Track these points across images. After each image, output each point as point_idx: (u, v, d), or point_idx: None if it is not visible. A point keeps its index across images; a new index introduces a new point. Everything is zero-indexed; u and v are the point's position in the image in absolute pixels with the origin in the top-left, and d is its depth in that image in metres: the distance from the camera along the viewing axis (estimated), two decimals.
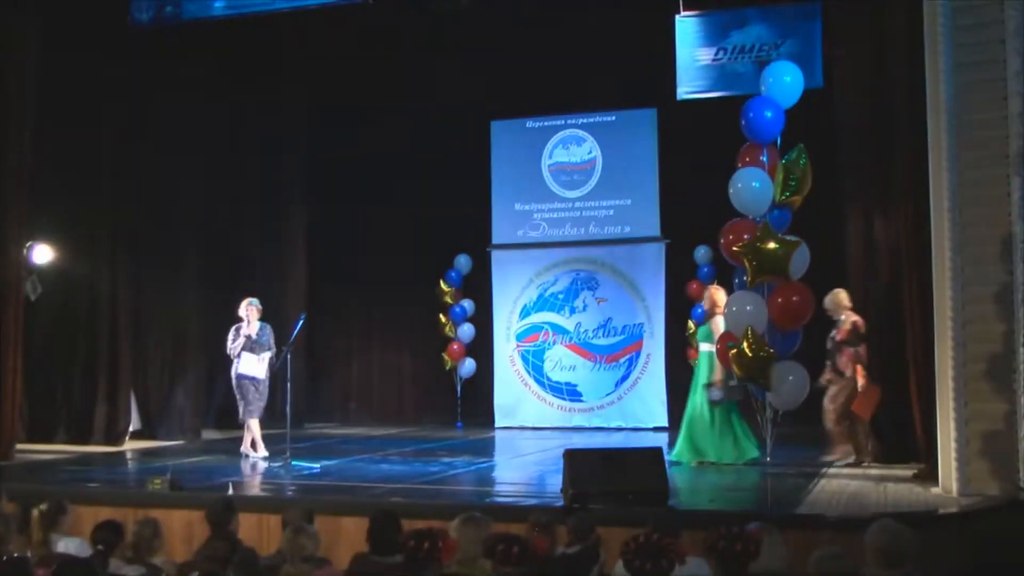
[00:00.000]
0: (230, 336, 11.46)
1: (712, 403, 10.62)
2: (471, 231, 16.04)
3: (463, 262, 16.13)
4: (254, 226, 15.68)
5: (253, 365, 11.40)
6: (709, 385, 10.64)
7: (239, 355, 11.40)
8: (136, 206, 13.79)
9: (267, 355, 11.49)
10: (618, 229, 15.58)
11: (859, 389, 10.34)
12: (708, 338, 10.79)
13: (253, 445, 11.50)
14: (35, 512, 6.09)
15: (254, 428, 11.45)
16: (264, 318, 11.65)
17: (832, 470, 10.11)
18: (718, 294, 10.87)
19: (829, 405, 10.61)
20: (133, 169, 13.70)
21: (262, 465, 10.95)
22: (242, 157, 15.44)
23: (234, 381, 11.48)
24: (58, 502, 6.21)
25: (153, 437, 13.70)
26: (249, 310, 11.41)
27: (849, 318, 10.57)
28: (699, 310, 14.60)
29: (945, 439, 8.39)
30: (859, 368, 10.43)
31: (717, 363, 10.49)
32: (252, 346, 11.34)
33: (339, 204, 16.44)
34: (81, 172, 13.44)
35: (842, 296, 10.69)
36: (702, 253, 14.61)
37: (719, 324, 10.49)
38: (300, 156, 16.21)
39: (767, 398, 10.12)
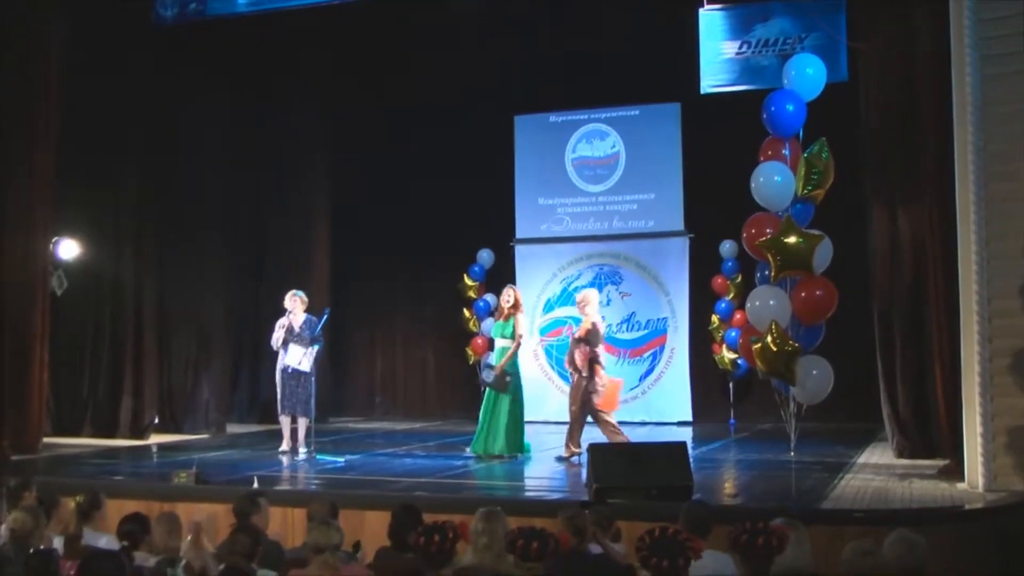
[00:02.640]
0: (276, 328, 11.44)
1: (484, 383, 10.94)
2: (495, 226, 16.03)
3: (486, 257, 16.12)
4: (278, 221, 15.74)
5: (297, 357, 11.33)
6: (490, 365, 10.93)
7: (285, 347, 11.32)
8: (161, 201, 13.84)
9: (314, 349, 11.37)
10: (642, 223, 15.54)
11: (599, 386, 10.61)
12: (504, 333, 10.96)
13: (294, 437, 11.43)
14: (71, 503, 6.11)
15: (300, 425, 11.39)
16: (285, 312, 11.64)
17: (857, 464, 10.06)
18: (520, 293, 11.35)
19: (571, 398, 10.82)
20: (157, 165, 13.74)
21: (287, 459, 10.96)
22: (266, 152, 15.48)
23: (277, 375, 11.46)
24: (94, 494, 6.23)
25: (178, 431, 13.77)
26: (293, 301, 11.38)
27: (588, 319, 10.81)
28: (723, 304, 14.61)
29: (971, 434, 8.34)
30: (596, 367, 10.71)
31: (506, 357, 10.76)
32: (295, 339, 11.29)
33: (363, 199, 16.47)
34: (106, 168, 13.51)
35: (590, 297, 11.10)
36: (728, 247, 14.55)
37: (522, 323, 10.95)
38: (324, 151, 16.22)
39: (791, 393, 10.09)
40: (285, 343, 11.29)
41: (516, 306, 11.00)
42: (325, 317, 11.44)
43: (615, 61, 14.79)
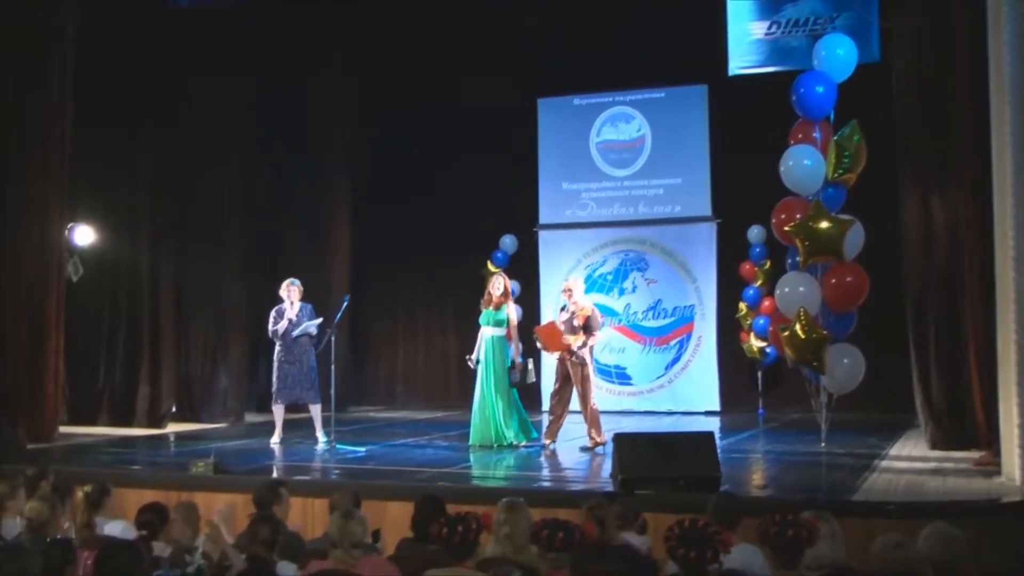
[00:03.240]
0: (271, 318, 11.46)
1: (515, 385, 10.95)
2: (518, 211, 16.01)
3: (509, 243, 16.09)
4: (297, 206, 15.78)
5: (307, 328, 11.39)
6: (511, 368, 10.92)
7: (283, 338, 11.34)
8: (177, 186, 13.88)
9: (316, 323, 11.41)
10: (668, 209, 15.50)
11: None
12: (491, 321, 11.02)
13: (285, 428, 11.48)
14: (79, 493, 6.15)
15: (314, 413, 11.42)
16: (307, 299, 11.66)
17: (889, 455, 10.02)
18: (509, 282, 11.49)
19: (583, 389, 10.81)
20: (174, 150, 13.78)
21: (307, 448, 10.99)
22: (284, 137, 15.51)
23: (275, 364, 11.50)
24: (102, 484, 6.26)
25: (196, 420, 13.84)
26: (290, 291, 11.38)
27: (586, 305, 10.94)
28: (751, 291, 14.56)
29: (1008, 425, 8.26)
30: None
31: (513, 347, 10.95)
32: (294, 329, 11.32)
33: (383, 184, 16.48)
34: (122, 153, 13.57)
35: (580, 282, 11.56)
36: (756, 233, 14.47)
37: (512, 312, 11.08)
38: (344, 136, 16.22)
39: (821, 382, 10.05)
40: (284, 333, 11.30)
41: (507, 294, 11.09)
42: (344, 304, 11.45)
43: (641, 42, 14.74)
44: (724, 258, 15.04)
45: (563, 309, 10.95)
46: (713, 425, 13.32)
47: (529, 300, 15.90)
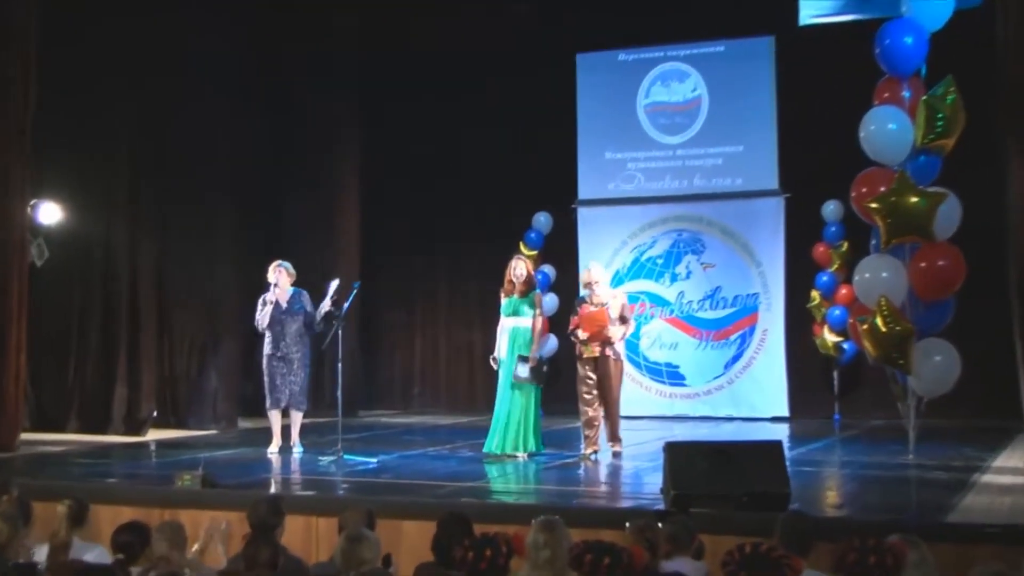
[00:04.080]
0: (258, 307, 11.47)
1: (518, 379, 10.86)
2: (553, 185, 16.00)
3: (544, 221, 16.07)
4: (300, 182, 15.82)
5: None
6: (523, 358, 10.85)
7: (272, 328, 11.33)
8: (162, 160, 13.91)
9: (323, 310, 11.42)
10: (728, 181, 15.44)
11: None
12: (518, 311, 10.98)
13: (286, 435, 11.52)
14: (59, 508, 6.15)
15: (294, 420, 11.46)
16: (310, 287, 11.65)
17: (991, 469, 9.94)
18: (531, 265, 11.39)
19: (613, 383, 10.87)
20: (159, 119, 13.81)
21: (307, 459, 11.01)
22: (286, 106, 15.60)
23: (264, 362, 11.48)
24: (79, 501, 6.27)
25: (181, 426, 13.87)
26: (278, 274, 11.37)
27: (617, 295, 11.07)
28: (826, 277, 14.48)
29: None
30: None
31: (534, 340, 10.93)
32: (283, 316, 11.33)
33: (398, 156, 16.52)
34: (96, 121, 13.56)
35: (601, 269, 11.26)
36: (831, 209, 14.39)
37: (540, 301, 11.13)
38: (354, 102, 16.29)
39: (908, 383, 9.98)
40: (272, 323, 11.30)
41: (531, 282, 11.05)
42: (354, 293, 11.44)
43: None
44: (794, 239, 14.97)
45: (582, 303, 10.89)
46: (781, 433, 13.26)
47: (566, 287, 15.85)
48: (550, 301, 15.79)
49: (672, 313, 15.51)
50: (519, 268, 11.06)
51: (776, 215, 15.14)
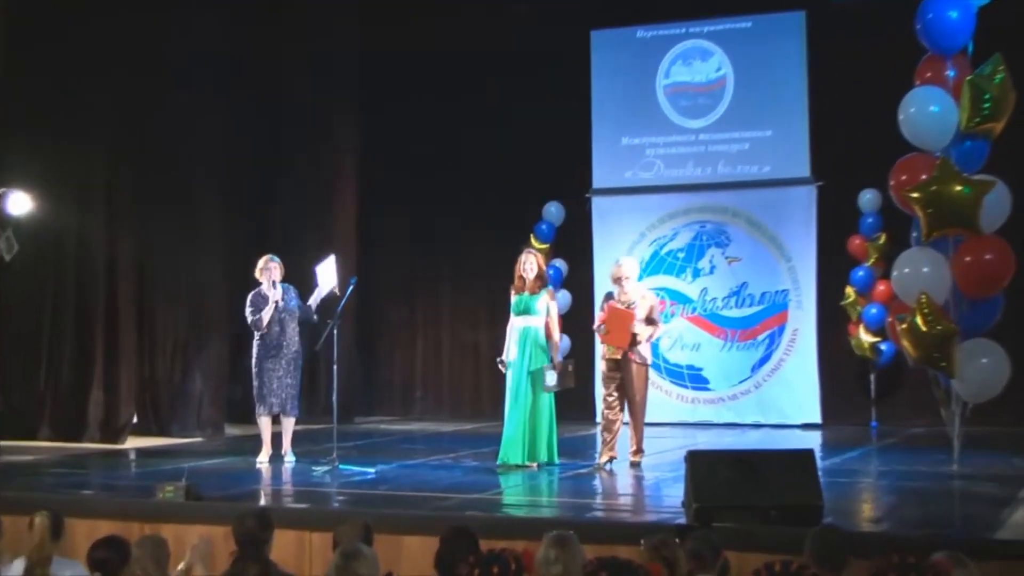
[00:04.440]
0: (250, 305, 11.42)
1: (546, 389, 10.87)
2: (566, 173, 16.04)
3: (555, 213, 16.07)
4: (292, 173, 15.87)
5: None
6: (548, 368, 10.83)
7: (270, 328, 11.33)
8: (142, 147, 13.93)
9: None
10: (755, 168, 15.43)
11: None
12: (529, 310, 10.95)
13: (276, 443, 11.52)
14: (36, 519, 6.14)
15: (286, 426, 11.47)
16: (300, 284, 11.65)
17: None
18: (544, 262, 11.30)
19: (635, 387, 10.86)
20: (139, 102, 13.82)
21: (300, 469, 11.01)
22: (278, 91, 15.62)
23: (253, 363, 11.47)
24: (55, 513, 6.26)
25: (163, 433, 13.90)
26: (271, 269, 11.36)
27: (646, 294, 11.01)
28: (861, 272, 14.46)
29: None
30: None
31: (552, 343, 10.99)
32: (280, 315, 11.33)
33: (398, 144, 16.54)
34: (71, 105, 13.54)
35: (633, 265, 11.21)
36: (868, 199, 14.37)
37: (553, 299, 11.13)
38: (350, 86, 16.34)
39: (952, 387, 9.95)
40: (269, 323, 11.29)
41: (543, 278, 11.04)
42: (350, 289, 11.43)
43: None
44: (827, 231, 14.97)
45: (609, 298, 10.88)
46: (813, 441, 13.25)
47: (579, 284, 15.90)
48: (562, 299, 15.79)
49: (695, 311, 15.49)
50: (529, 263, 11.02)
51: (807, 205, 15.12)
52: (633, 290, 10.82)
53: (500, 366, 11.17)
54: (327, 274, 11.46)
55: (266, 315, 11.29)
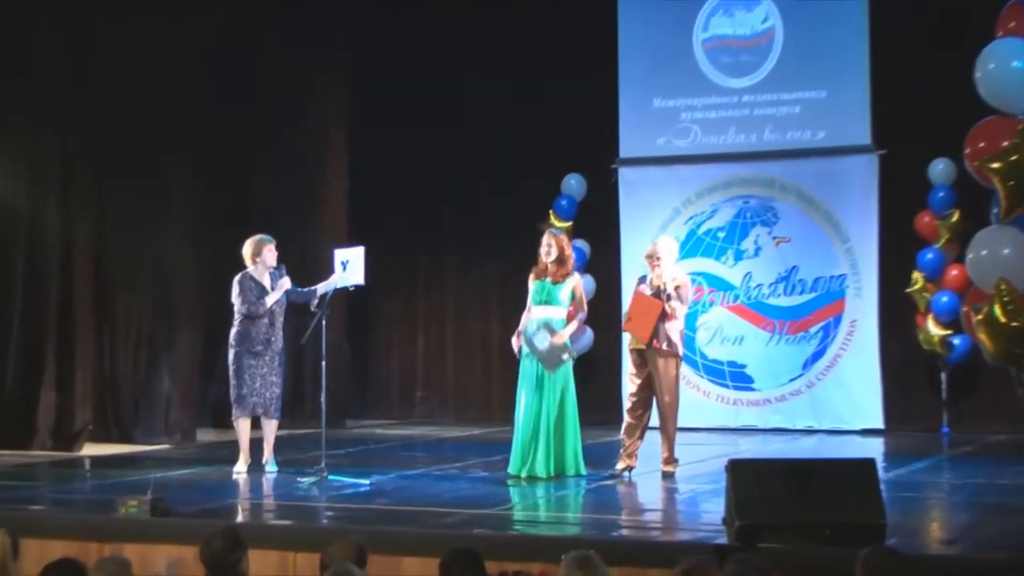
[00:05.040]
0: (238, 290, 11.33)
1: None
2: (588, 141, 16.03)
3: (576, 186, 16.07)
4: (272, 148, 15.90)
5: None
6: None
7: (256, 318, 11.33)
8: (101, 118, 13.93)
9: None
10: (808, 135, 15.42)
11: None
12: (551, 299, 10.93)
13: (247, 454, 11.48)
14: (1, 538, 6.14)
15: (269, 430, 11.49)
16: (289, 265, 11.67)
17: None
18: (569, 243, 11.28)
19: (663, 385, 10.85)
20: (97, 62, 13.82)
21: (284, 480, 11.02)
22: (255, 46, 15.62)
23: (233, 359, 11.43)
24: (11, 531, 6.27)
25: (125, 439, 13.88)
26: (266, 252, 11.37)
27: (678, 275, 10.97)
28: (929, 255, 14.41)
29: None
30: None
31: (571, 327, 10.98)
32: (274, 307, 11.30)
33: (396, 112, 16.53)
34: (18, 68, 13.55)
35: (668, 245, 11.16)
36: (939, 170, 14.34)
37: (579, 285, 11.08)
38: (341, 47, 16.36)
39: None
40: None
41: (565, 260, 10.99)
42: (342, 271, 11.42)
43: None
44: (890, 207, 14.94)
45: (642, 281, 10.87)
46: (874, 449, 13.25)
47: (604, 268, 15.88)
48: (585, 284, 15.73)
49: (737, 300, 15.49)
50: (551, 246, 10.99)
51: (868, 177, 15.09)
52: (667, 272, 10.78)
53: (514, 344, 11.12)
54: (354, 266, 11.40)
55: (270, 300, 11.28)
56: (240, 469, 11.31)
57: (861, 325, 15.02)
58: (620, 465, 10.80)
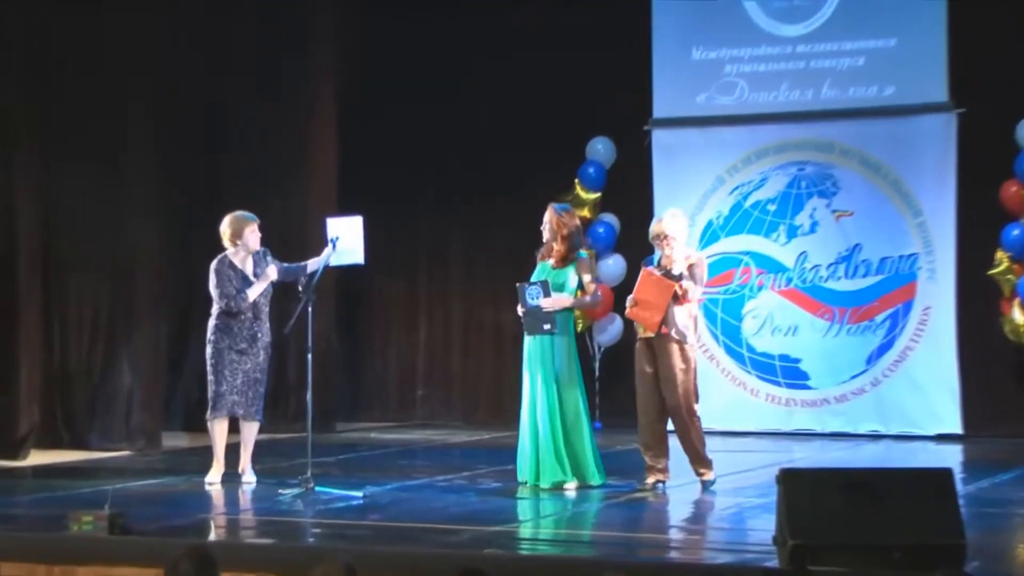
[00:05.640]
0: (217, 280, 11.35)
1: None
2: (617, 100, 16.08)
3: (603, 151, 16.07)
4: (252, 101, 15.89)
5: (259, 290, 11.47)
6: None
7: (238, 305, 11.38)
8: (51, 84, 13.96)
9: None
10: (873, 90, 15.41)
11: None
12: (556, 286, 11.00)
13: (223, 460, 11.52)
14: None
15: (249, 434, 11.51)
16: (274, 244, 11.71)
17: None
18: (575, 219, 11.44)
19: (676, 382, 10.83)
20: (45, 25, 13.83)
21: (264, 492, 11.05)
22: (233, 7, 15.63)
23: (212, 353, 11.45)
24: None
25: (79, 445, 13.94)
26: (251, 233, 11.39)
27: (691, 253, 11.16)
28: (1016, 232, 14.39)
29: None
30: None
31: (583, 300, 11.25)
32: (259, 296, 11.33)
33: (393, 68, 16.56)
34: None
35: (676, 221, 11.05)
36: None
37: (585, 269, 11.15)
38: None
39: None
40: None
41: (572, 242, 11.05)
42: (328, 256, 11.42)
43: None
44: (970, 175, 14.93)
45: (653, 265, 10.86)
46: (952, 459, 13.26)
47: (636, 245, 15.82)
48: (615, 265, 15.80)
49: (790, 283, 15.49)
50: (551, 223, 11.06)
51: (944, 140, 15.08)
52: (678, 253, 10.75)
53: (520, 311, 11.17)
54: (349, 241, 11.40)
55: (253, 294, 11.31)
56: (213, 479, 11.35)
57: (935, 313, 15.01)
58: (650, 480, 10.81)
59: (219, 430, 11.45)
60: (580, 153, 16.05)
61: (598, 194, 15.79)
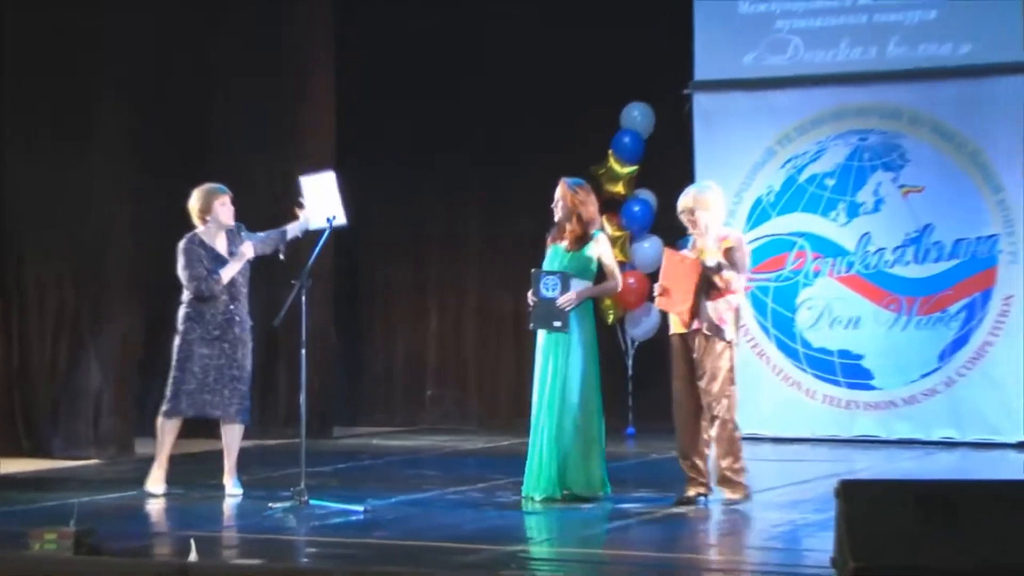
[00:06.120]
0: (186, 261, 11.38)
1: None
2: (655, 61, 16.13)
3: (640, 118, 16.07)
4: (232, 66, 16.00)
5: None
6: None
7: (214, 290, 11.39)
8: (9, 49, 14.07)
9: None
10: (946, 48, 15.37)
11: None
12: (584, 271, 11.07)
13: (166, 464, 11.57)
14: None
15: (233, 439, 11.51)
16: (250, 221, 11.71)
17: None
18: (591, 195, 11.41)
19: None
20: None
21: (251, 506, 11.05)
22: None
23: (180, 345, 11.47)
24: None
25: (41, 452, 14.02)
26: (223, 206, 11.43)
27: (725, 233, 11.09)
28: None
29: None
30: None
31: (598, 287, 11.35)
32: (236, 278, 11.35)
33: (398, 29, 16.66)
34: None
35: (709, 195, 11.03)
36: None
37: (604, 250, 11.24)
38: None
39: None
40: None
41: (586, 222, 11.06)
42: (326, 233, 11.43)
43: None
44: None
45: (687, 249, 10.84)
46: None
47: (677, 223, 15.76)
48: (651, 248, 15.75)
49: (851, 269, 15.48)
50: (564, 200, 11.04)
51: None
52: (713, 232, 10.70)
53: (530, 299, 11.15)
54: (322, 198, 11.42)
55: (227, 275, 11.33)
56: (155, 488, 11.38)
57: (1018, 303, 14.96)
58: (690, 492, 10.79)
59: (169, 431, 11.50)
60: (614, 121, 16.01)
61: (634, 167, 15.78)
